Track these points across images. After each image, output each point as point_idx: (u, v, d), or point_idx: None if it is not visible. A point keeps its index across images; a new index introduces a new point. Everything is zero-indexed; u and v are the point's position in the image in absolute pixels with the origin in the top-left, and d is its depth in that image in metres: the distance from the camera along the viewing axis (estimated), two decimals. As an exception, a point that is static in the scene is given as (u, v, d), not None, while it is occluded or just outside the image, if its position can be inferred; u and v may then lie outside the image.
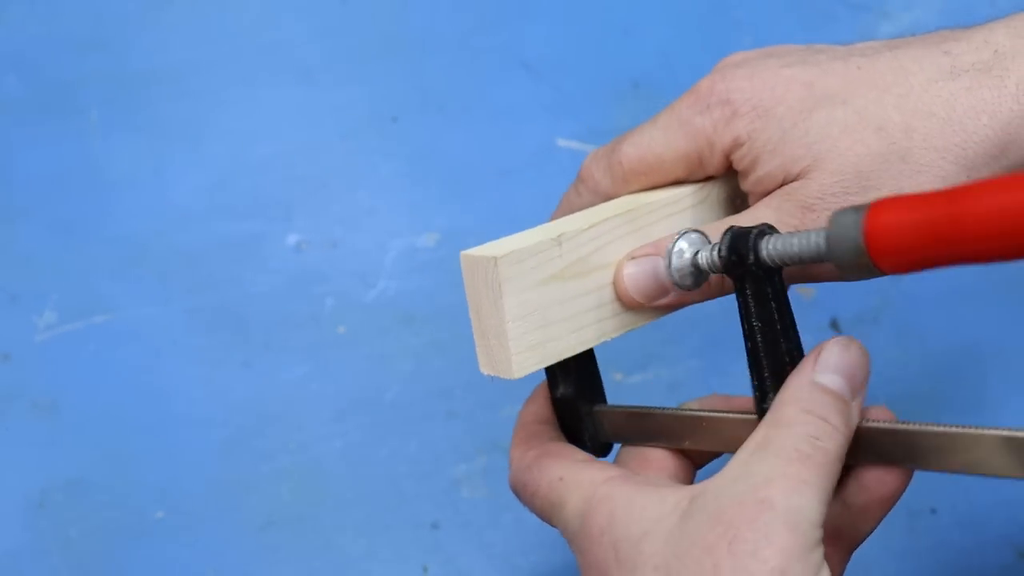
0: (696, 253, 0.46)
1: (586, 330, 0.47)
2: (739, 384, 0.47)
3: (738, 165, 0.48)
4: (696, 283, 0.46)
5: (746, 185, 0.49)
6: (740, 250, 0.43)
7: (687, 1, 0.83)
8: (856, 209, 0.37)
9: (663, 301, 0.47)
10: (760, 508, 0.38)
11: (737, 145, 0.47)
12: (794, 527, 0.38)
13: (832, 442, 0.40)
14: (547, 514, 0.47)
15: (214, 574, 0.67)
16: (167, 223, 0.77)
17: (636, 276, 0.47)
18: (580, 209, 0.51)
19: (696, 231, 0.46)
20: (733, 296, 0.44)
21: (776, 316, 0.43)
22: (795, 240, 0.41)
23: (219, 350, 0.73)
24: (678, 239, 0.46)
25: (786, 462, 0.39)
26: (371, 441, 0.70)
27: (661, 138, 0.49)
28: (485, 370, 0.46)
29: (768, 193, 0.48)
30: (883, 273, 0.37)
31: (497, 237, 0.48)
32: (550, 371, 0.51)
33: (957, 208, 0.34)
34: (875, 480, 0.43)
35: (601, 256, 0.47)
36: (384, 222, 0.77)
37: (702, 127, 0.48)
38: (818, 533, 0.39)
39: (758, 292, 0.43)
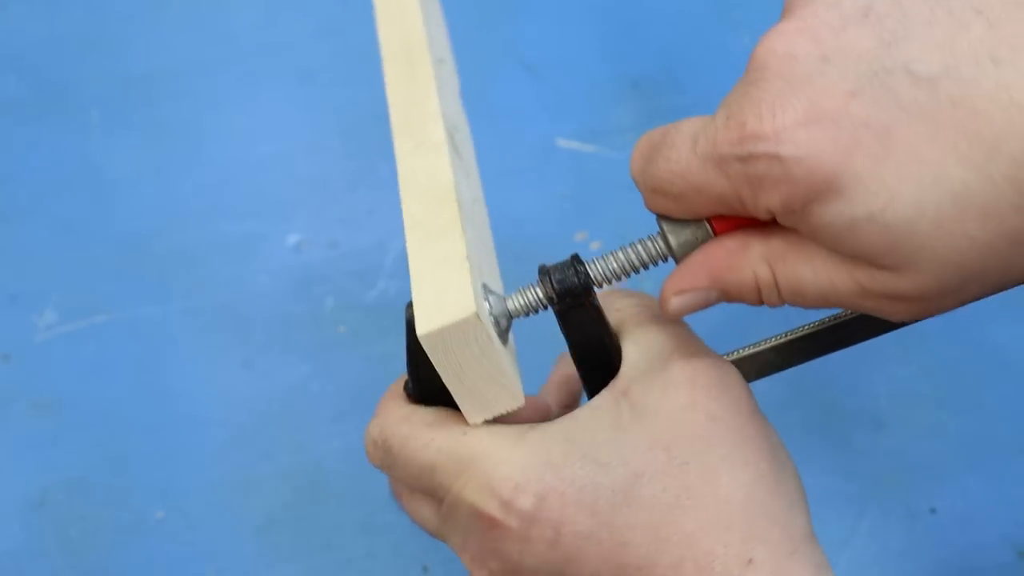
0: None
1: None
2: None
3: (784, 221, 0.38)
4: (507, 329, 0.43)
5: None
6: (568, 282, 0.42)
7: (687, 1, 0.83)
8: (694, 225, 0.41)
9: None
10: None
11: (788, 212, 0.37)
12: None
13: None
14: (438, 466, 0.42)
15: (214, 574, 0.67)
16: (167, 223, 0.77)
17: (686, 308, 0.42)
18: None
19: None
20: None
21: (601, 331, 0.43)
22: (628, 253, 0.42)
23: (219, 350, 0.73)
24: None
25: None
26: (371, 441, 0.70)
27: (696, 167, 0.38)
28: (478, 419, 0.42)
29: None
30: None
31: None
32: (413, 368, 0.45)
33: None
34: None
35: None
36: (384, 222, 0.77)
37: (739, 175, 0.37)
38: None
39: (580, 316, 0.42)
